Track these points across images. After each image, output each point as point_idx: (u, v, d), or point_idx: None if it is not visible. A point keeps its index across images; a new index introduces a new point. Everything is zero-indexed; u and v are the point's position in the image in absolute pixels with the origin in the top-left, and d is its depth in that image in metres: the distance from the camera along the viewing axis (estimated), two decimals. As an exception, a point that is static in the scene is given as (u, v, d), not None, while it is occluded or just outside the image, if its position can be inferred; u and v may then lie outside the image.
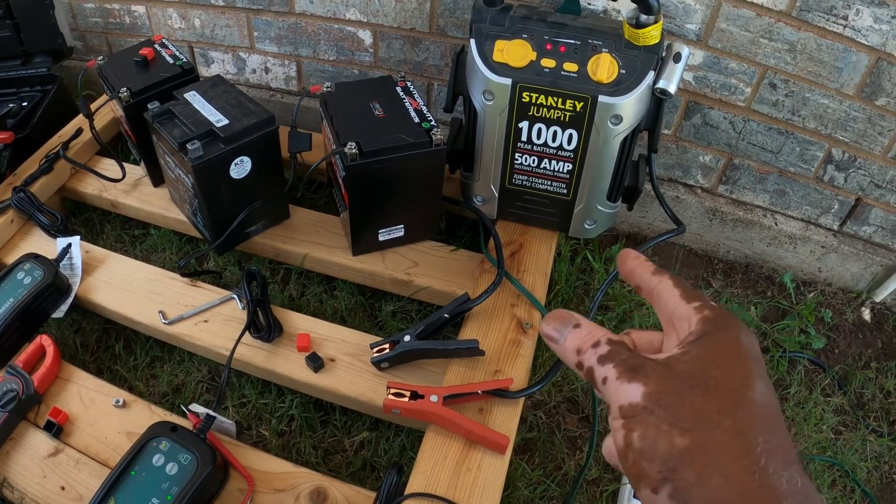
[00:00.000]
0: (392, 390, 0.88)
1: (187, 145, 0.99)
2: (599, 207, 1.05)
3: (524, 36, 0.98)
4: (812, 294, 1.25)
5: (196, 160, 0.99)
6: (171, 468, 0.85)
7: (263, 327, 0.99)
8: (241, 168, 1.03)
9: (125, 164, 1.25)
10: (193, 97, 1.09)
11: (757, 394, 0.27)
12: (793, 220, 1.23)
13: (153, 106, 1.06)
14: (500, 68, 0.97)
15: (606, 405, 0.30)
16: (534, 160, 1.02)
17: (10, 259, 1.19)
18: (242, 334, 0.98)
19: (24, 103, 1.41)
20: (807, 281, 1.27)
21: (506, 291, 1.00)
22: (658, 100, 0.98)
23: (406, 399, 0.88)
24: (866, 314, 1.24)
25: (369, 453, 0.98)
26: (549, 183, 1.03)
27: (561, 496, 0.96)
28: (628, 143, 1.00)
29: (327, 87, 1.07)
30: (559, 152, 1.00)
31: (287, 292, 1.14)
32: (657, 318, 0.34)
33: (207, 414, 0.93)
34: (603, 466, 0.99)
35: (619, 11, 1.10)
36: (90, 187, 1.26)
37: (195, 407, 0.94)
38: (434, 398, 0.88)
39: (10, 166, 1.31)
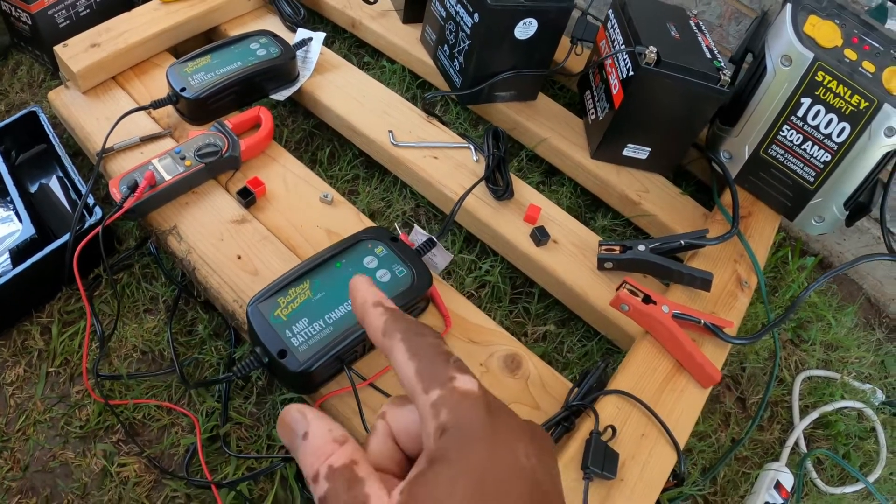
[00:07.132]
0: (627, 286, 0.86)
1: (490, -16, 0.97)
2: (833, 208, 1.05)
3: (837, 21, 1.00)
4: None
5: (494, 1, 0.97)
6: (383, 275, 0.81)
7: (501, 185, 0.96)
8: (526, 29, 1.01)
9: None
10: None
11: None
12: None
13: (454, -60, 1.04)
14: (807, 40, 0.98)
15: None
16: (798, 138, 1.02)
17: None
18: (479, 182, 0.96)
19: None
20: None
21: (731, 247, 0.99)
22: (936, 129, 1.00)
23: (639, 299, 0.86)
24: None
25: (550, 347, 0.95)
26: (801, 166, 1.04)
27: (708, 461, 0.94)
28: (887, 159, 1.01)
29: (626, -8, 1.06)
30: (826, 140, 1.01)
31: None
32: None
33: (430, 238, 0.89)
34: (753, 449, 0.98)
35: (890, 29, 1.11)
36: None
37: (419, 230, 0.91)
38: (665, 308, 0.86)
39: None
